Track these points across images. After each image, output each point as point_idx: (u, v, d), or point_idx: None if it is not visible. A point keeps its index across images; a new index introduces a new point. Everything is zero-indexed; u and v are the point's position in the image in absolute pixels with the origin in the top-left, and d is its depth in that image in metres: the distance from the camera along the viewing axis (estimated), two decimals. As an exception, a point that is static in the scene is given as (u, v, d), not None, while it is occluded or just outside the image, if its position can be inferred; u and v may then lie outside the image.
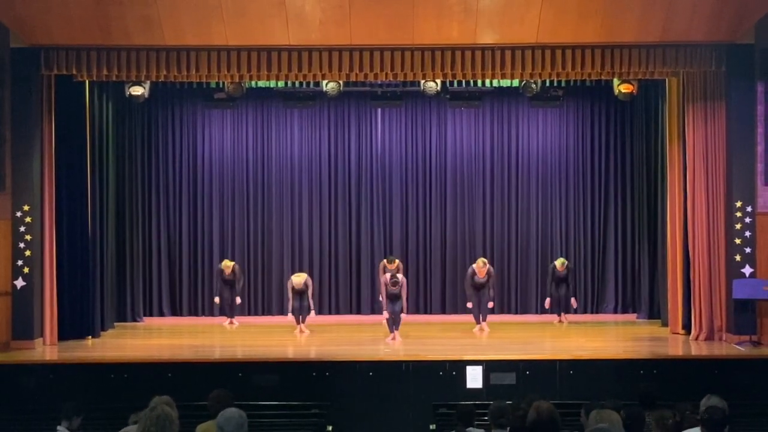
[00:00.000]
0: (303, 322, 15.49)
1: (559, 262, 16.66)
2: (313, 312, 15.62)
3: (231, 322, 16.59)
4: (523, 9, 13.04)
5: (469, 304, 15.75)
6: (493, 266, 17.59)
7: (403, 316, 14.61)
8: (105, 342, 14.82)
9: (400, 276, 14.90)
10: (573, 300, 16.71)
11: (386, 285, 14.73)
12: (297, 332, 15.36)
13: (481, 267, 15.60)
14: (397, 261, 15.97)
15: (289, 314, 15.57)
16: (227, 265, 16.57)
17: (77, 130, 14.74)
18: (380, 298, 15.41)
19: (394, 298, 14.60)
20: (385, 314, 14.62)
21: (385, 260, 16.25)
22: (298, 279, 15.52)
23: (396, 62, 13.83)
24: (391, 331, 14.46)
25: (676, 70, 14.06)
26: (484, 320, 15.60)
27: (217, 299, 16.79)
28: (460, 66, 13.85)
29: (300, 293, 15.42)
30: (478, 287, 15.58)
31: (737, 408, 9.79)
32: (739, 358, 12.81)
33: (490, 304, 15.82)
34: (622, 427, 6.14)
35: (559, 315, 16.74)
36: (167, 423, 5.73)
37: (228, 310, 16.79)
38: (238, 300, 16.71)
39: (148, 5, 12.85)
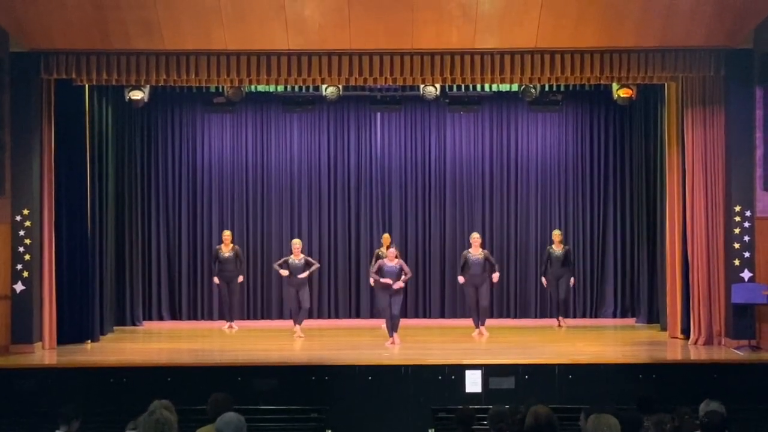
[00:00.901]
0: (299, 323, 15.44)
1: (556, 235, 16.69)
2: (317, 265, 15.88)
3: (230, 327, 16.51)
4: (522, 13, 13.06)
5: (461, 279, 15.58)
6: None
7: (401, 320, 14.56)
8: (104, 346, 14.81)
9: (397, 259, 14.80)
10: (572, 279, 16.73)
11: (383, 266, 14.59)
12: (296, 336, 15.31)
13: (476, 238, 15.50)
14: (393, 246, 15.46)
15: (276, 266, 15.86)
16: (227, 234, 16.50)
17: (77, 134, 14.76)
18: (377, 283, 14.95)
19: (392, 280, 14.53)
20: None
21: (380, 249, 16.20)
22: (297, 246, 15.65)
23: (395, 67, 13.84)
24: (391, 335, 14.45)
25: (675, 74, 14.09)
26: (482, 324, 15.53)
27: (216, 279, 16.56)
28: (460, 70, 13.86)
29: (298, 273, 15.46)
30: (477, 283, 15.42)
31: (736, 413, 9.80)
32: (738, 362, 12.80)
33: (495, 276, 15.55)
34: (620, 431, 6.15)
35: (558, 319, 16.72)
36: (166, 427, 5.74)
37: (227, 313, 16.72)
38: (241, 278, 16.62)
39: (147, 9, 12.86)
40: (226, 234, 16.55)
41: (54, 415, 8.42)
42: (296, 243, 15.72)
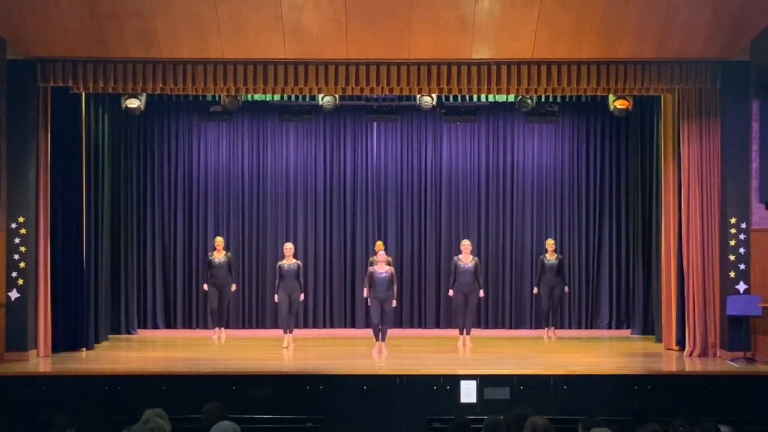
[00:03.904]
0: (290, 333, 15.37)
1: (550, 244, 16.66)
2: (302, 296, 15.47)
3: (219, 336, 16.40)
4: (519, 24, 13.09)
5: (451, 292, 15.50)
6: (488, 282, 17.65)
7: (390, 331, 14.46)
8: (99, 354, 14.78)
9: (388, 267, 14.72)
10: (565, 288, 16.71)
11: (373, 273, 14.54)
12: (285, 345, 15.22)
13: (467, 245, 15.44)
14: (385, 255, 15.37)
15: (276, 297, 15.49)
16: (219, 241, 16.39)
17: (73, 142, 14.75)
18: (366, 296, 15.13)
19: (381, 292, 14.51)
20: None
21: (372, 257, 16.15)
22: (289, 249, 15.48)
23: (392, 76, 13.87)
24: (377, 341, 14.38)
25: (671, 86, 14.11)
26: (468, 333, 15.41)
27: (205, 286, 16.39)
28: (456, 81, 13.89)
29: (291, 277, 15.33)
30: (467, 291, 15.38)
31: (731, 425, 9.79)
32: (732, 374, 12.80)
33: (481, 293, 15.50)
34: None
35: (550, 330, 16.64)
36: (160, 436, 5.74)
37: (216, 321, 16.59)
38: (234, 287, 16.42)
39: (144, 18, 12.88)
40: (219, 240, 16.50)
41: (48, 423, 8.41)
42: (288, 247, 15.60)
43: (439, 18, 12.95)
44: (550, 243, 16.74)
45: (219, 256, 16.28)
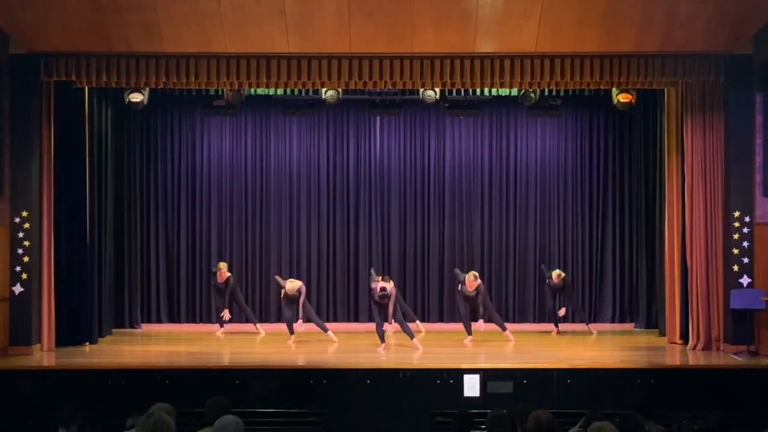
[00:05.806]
0: (294, 332, 15.37)
1: (555, 274, 16.55)
2: (301, 321, 15.23)
3: (222, 333, 16.43)
4: (522, 18, 13.07)
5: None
6: (491, 275, 17.66)
7: (388, 326, 14.42)
8: (102, 348, 14.80)
9: (389, 287, 14.49)
10: (562, 310, 16.60)
11: (375, 292, 14.52)
12: (290, 342, 15.23)
13: (472, 280, 15.36)
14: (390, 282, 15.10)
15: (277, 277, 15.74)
16: (223, 266, 16.38)
17: (76, 137, 14.75)
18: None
19: (379, 307, 14.51)
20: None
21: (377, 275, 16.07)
22: (292, 285, 15.42)
23: (395, 70, 13.85)
24: (382, 341, 14.38)
25: (674, 80, 14.10)
26: (505, 329, 15.55)
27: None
28: (459, 74, 13.87)
29: (290, 300, 15.37)
30: (473, 304, 15.45)
31: (734, 418, 9.80)
32: (736, 368, 12.81)
33: (482, 326, 15.53)
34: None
35: (556, 325, 16.65)
36: (164, 430, 5.73)
37: (220, 318, 16.64)
38: (226, 315, 16.30)
39: (147, 13, 12.87)
40: (222, 265, 16.41)
41: (53, 417, 8.43)
42: (290, 287, 15.49)
43: (441, 11, 12.93)
44: (556, 273, 16.53)
45: (221, 278, 16.21)
